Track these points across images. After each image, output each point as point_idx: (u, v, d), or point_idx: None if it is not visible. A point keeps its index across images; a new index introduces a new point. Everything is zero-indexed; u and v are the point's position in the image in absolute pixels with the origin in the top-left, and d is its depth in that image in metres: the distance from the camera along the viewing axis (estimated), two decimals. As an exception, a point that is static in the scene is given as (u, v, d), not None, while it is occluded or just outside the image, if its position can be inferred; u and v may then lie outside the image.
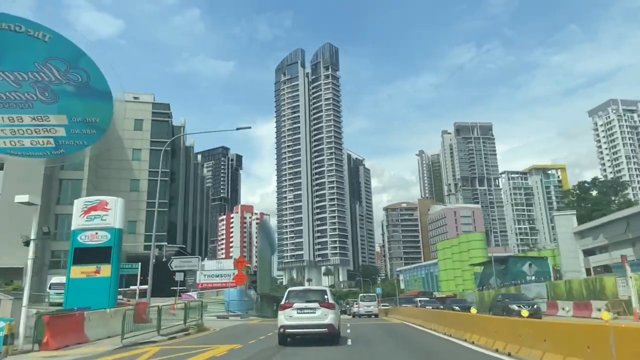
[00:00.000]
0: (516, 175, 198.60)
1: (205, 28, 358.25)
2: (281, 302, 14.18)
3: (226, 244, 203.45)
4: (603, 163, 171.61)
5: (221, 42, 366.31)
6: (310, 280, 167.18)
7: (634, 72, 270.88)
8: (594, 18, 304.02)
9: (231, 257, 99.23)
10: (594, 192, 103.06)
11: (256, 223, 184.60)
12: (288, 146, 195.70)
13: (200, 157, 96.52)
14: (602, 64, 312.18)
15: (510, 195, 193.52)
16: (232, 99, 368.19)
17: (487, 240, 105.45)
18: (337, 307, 14.87)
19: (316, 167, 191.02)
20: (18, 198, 14.00)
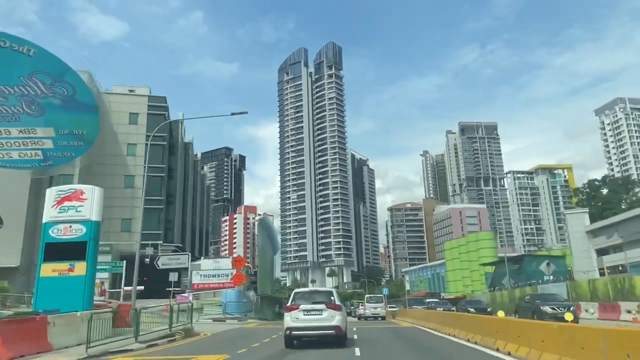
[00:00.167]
0: (522, 175, 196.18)
1: (208, 30, 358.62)
2: (287, 304, 13.84)
3: (229, 245, 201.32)
4: (610, 162, 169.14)
5: (224, 44, 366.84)
6: (314, 281, 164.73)
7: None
8: (599, 18, 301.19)
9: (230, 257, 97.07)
10: (604, 191, 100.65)
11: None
12: (291, 146, 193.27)
13: (200, 155, 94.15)
14: (607, 64, 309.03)
15: (516, 195, 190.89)
16: (236, 100, 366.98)
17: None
18: (344, 309, 14.48)
19: (320, 167, 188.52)
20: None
